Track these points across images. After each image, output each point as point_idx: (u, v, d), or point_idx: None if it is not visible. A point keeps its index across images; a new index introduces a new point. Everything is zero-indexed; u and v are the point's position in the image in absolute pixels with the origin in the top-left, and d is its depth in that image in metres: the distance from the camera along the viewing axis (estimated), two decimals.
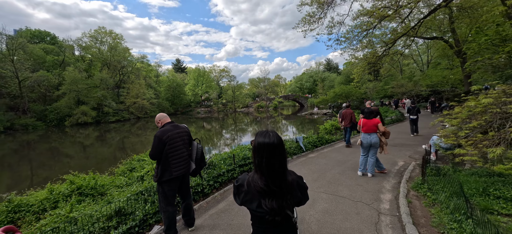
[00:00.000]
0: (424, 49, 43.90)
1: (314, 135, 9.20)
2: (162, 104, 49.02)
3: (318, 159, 6.94)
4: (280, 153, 1.28)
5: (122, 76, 44.34)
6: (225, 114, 50.84)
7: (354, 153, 7.42)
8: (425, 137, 9.50)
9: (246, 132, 25.77)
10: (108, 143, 21.65)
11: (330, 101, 34.11)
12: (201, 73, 57.60)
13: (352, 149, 7.98)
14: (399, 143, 8.70)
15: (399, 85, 30.79)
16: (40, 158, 16.16)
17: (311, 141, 8.22)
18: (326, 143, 8.84)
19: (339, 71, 72.08)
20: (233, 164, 5.33)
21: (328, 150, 8.10)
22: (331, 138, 9.34)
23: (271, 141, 1.27)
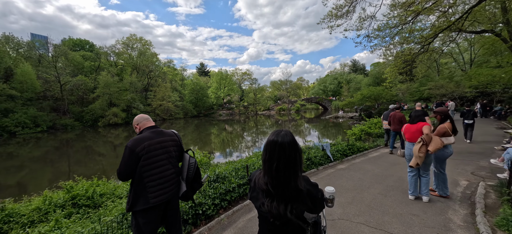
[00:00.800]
0: (465, 47, 39.10)
1: (343, 142, 7.90)
2: (186, 106, 50.13)
3: (350, 172, 5.69)
4: (288, 155, 1.19)
5: (149, 80, 46.21)
6: (247, 117, 50.40)
7: (396, 165, 6.02)
8: (481, 146, 7.67)
9: (266, 135, 24.74)
10: None
11: (357, 104, 31.68)
12: (224, 76, 58.03)
13: (393, 159, 6.56)
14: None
15: (437, 86, 27.44)
16: (76, 155, 17.27)
17: (340, 149, 6.95)
18: (357, 152, 7.50)
19: (366, 73, 67.85)
20: (247, 177, 4.38)
21: (360, 160, 6.77)
22: (363, 145, 7.95)
23: (278, 140, 1.21)
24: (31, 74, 31.96)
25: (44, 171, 12.50)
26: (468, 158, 6.47)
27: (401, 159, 6.56)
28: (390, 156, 7.02)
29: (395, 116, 7.52)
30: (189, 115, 50.85)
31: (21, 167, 13.10)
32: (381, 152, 7.70)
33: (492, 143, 8.29)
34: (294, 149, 1.20)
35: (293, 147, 1.20)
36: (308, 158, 5.98)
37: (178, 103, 47.53)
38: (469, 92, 24.58)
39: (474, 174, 5.19)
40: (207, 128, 33.69)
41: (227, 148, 17.35)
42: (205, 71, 72.11)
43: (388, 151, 7.60)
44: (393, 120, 7.55)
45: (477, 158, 6.45)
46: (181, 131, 30.30)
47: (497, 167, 5.52)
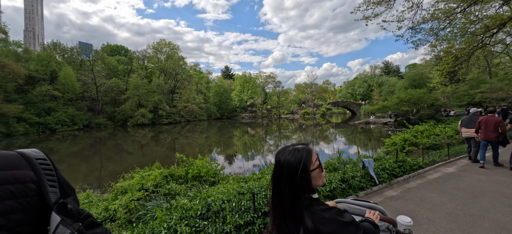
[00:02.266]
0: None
1: (389, 156, 5.97)
2: (210, 108, 50.36)
3: (408, 204, 3.86)
4: (287, 178, 0.94)
5: (176, 82, 47.30)
6: (269, 120, 48.90)
7: (479, 196, 4.02)
8: None
9: (290, 140, 22.98)
10: (160, 143, 22.47)
11: (392, 109, 28.18)
12: (247, 79, 57.36)
13: (469, 184, 4.52)
14: None
15: (494, 89, 23.02)
16: (108, 152, 17.99)
17: (387, 167, 5.08)
18: (410, 170, 5.52)
19: (400, 75, 61.93)
20: (253, 211, 2.89)
21: (417, 184, 4.84)
22: (417, 162, 5.92)
23: (280, 160, 0.99)
24: (72, 77, 34.39)
25: (80, 166, 13.17)
26: None
27: (489, 186, 4.51)
28: (463, 181, 4.95)
29: (489, 121, 6.01)
30: (213, 117, 50.96)
31: (60, 161, 13.97)
32: (443, 172, 5.62)
33: None
34: (296, 171, 0.92)
35: (294, 168, 0.92)
36: (343, 179, 4.28)
37: (202, 105, 47.91)
38: None
39: None
40: (229, 130, 32.98)
41: (249, 151, 16.44)
42: (229, 74, 72.41)
43: (471, 163, 6.38)
44: (485, 126, 6.04)
45: None
46: (204, 132, 29.94)
47: None
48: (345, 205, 1.16)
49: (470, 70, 18.47)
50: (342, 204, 1.18)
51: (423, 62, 50.56)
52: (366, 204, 1.15)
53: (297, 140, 22.75)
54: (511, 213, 3.37)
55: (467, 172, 5.55)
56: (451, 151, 7.95)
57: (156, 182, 4.19)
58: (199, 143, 21.31)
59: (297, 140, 22.62)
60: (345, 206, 1.16)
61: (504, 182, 4.73)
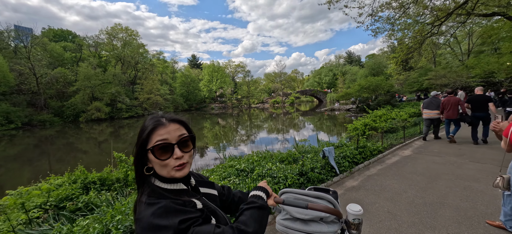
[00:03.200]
0: (463, 35, 37.35)
1: (350, 143, 5.70)
2: (176, 100, 47.43)
3: (368, 195, 3.52)
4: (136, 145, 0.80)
5: (136, 72, 43.21)
6: (240, 110, 48.12)
7: (436, 179, 3.87)
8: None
9: (262, 129, 22.61)
10: (121, 139, 20.17)
11: (354, 95, 29.63)
12: (216, 69, 55.18)
13: (425, 167, 4.41)
14: None
15: (438, 76, 25.55)
16: (58, 153, 15.47)
17: (348, 155, 4.75)
18: (370, 156, 5.32)
19: (362, 64, 65.94)
20: None
21: (377, 170, 4.61)
22: (377, 146, 5.78)
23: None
24: (2, 66, 28.79)
25: (23, 171, 11.45)
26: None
27: (444, 169, 4.43)
28: (419, 164, 4.86)
29: (449, 101, 6.62)
30: (180, 109, 48.19)
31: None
32: (401, 156, 5.56)
33: None
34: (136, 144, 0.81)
35: (138, 137, 0.81)
36: (301, 172, 3.76)
37: (168, 96, 44.82)
38: (474, 81, 22.74)
39: None
40: (199, 122, 31.42)
41: (220, 143, 15.54)
42: (197, 63, 68.73)
43: (423, 140, 7.19)
44: (446, 106, 6.67)
45: None
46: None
47: None
48: (290, 196, 1.02)
49: (420, 59, 20.04)
50: (286, 194, 1.04)
51: (381, 53, 54.50)
52: (313, 193, 1.00)
53: (268, 129, 22.59)
54: (468, 197, 3.21)
55: (422, 154, 5.56)
56: (406, 133, 8.19)
57: (65, 194, 3.16)
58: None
59: (268, 129, 22.40)
60: (289, 196, 1.02)
61: (456, 162, 4.76)
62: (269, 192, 0.95)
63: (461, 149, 5.82)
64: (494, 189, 3.39)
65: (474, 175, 4.00)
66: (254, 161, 4.30)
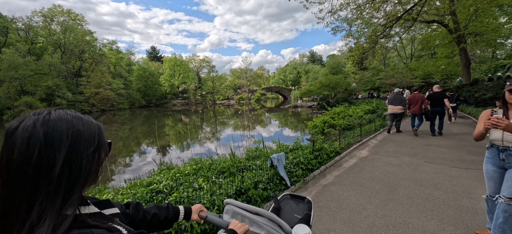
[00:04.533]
0: (407, 41, 41.77)
1: (306, 146, 5.00)
2: (132, 95, 42.82)
3: (322, 214, 2.76)
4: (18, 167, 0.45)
5: (82, 63, 37.54)
6: (204, 107, 45.85)
7: (397, 187, 3.35)
8: (456, 138, 5.72)
9: (227, 126, 21.42)
10: None
11: (315, 93, 30.45)
12: (178, 62, 51.48)
13: (384, 171, 3.91)
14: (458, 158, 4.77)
15: (388, 75, 27.77)
16: None
17: (302, 161, 4.00)
18: (327, 159, 4.70)
19: (323, 64, 69.22)
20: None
21: (334, 177, 3.96)
22: (334, 148, 5.22)
23: (32, 127, 0.47)
24: None
25: None
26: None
27: (402, 173, 3.98)
28: (376, 167, 4.40)
29: (416, 97, 7.15)
30: (137, 105, 43.70)
31: None
32: (358, 157, 5.10)
33: None
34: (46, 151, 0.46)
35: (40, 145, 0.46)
36: (240, 190, 2.83)
37: (122, 91, 40.07)
38: (417, 81, 25.21)
39: None
40: (159, 119, 28.61)
41: (184, 141, 14.14)
42: (157, 56, 63.18)
43: (387, 133, 7.71)
44: (412, 102, 7.18)
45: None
46: (127, 123, 24.85)
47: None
48: (230, 209, 0.96)
49: (374, 60, 21.33)
50: (228, 206, 0.98)
51: (340, 53, 57.89)
52: (253, 209, 0.92)
53: (234, 126, 21.53)
54: (432, 212, 2.68)
55: (378, 155, 5.19)
56: (362, 131, 8.02)
57: None
58: (121, 136, 16.95)
59: (234, 125, 21.39)
60: (230, 209, 0.96)
61: (412, 164, 4.42)
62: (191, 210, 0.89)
63: (414, 148, 5.66)
64: (456, 198, 2.97)
65: (432, 180, 3.61)
66: (183, 175, 3.22)
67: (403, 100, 7.60)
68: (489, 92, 11.13)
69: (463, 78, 19.03)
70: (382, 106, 17.22)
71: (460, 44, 17.18)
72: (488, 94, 11.05)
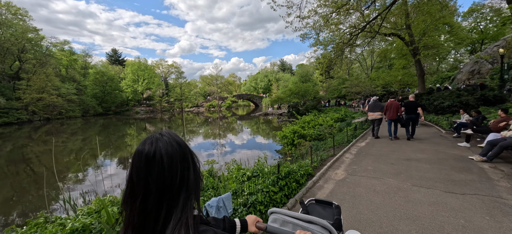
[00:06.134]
0: (367, 53, 44.82)
1: (270, 168, 3.74)
2: (85, 101, 37.74)
3: None
4: (163, 179, 0.58)
5: (22, 64, 31.85)
6: (172, 114, 42.55)
7: (397, 228, 2.28)
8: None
9: (196, 135, 19.51)
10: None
11: (285, 100, 30.14)
12: (142, 67, 47.33)
13: (368, 192, 2.86)
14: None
15: (353, 84, 28.80)
16: None
17: (260, 200, 2.72)
18: (297, 187, 3.51)
19: (293, 72, 70.86)
20: None
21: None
22: (305, 169, 4.10)
23: (146, 151, 0.59)
24: None
25: None
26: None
27: (393, 207, 2.95)
28: (358, 196, 3.34)
29: (392, 105, 7.47)
30: (91, 113, 38.59)
31: None
32: (335, 180, 4.04)
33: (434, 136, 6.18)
34: (176, 167, 0.60)
35: (174, 162, 0.60)
36: None
37: (73, 97, 34.95)
38: (379, 90, 26.44)
39: None
40: (119, 128, 25.23)
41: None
42: (119, 59, 57.43)
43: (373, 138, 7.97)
44: (390, 109, 7.49)
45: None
46: (79, 134, 21.10)
47: None
48: (278, 218, 0.91)
49: (341, 68, 21.72)
50: (275, 215, 0.93)
51: (309, 63, 59.89)
52: (305, 217, 0.88)
53: (204, 134, 19.72)
54: None
55: (357, 176, 4.20)
56: (335, 142, 7.18)
57: None
58: (72, 149, 13.78)
59: (204, 134, 19.66)
60: (277, 219, 0.91)
61: (399, 189, 3.47)
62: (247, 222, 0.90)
63: (394, 163, 4.85)
64: None
65: (433, 218, 2.65)
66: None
67: (381, 107, 7.97)
68: (446, 100, 11.45)
69: (419, 88, 20.29)
70: (350, 114, 17.21)
71: (416, 56, 18.17)
72: (446, 102, 11.34)
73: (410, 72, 25.59)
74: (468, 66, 21.17)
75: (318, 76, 45.59)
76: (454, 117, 9.91)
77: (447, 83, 25.76)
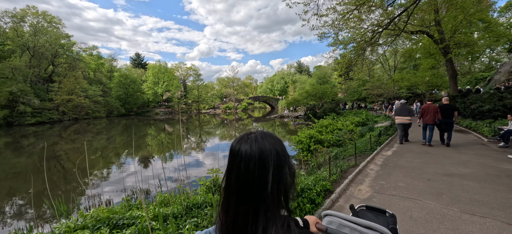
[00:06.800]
0: (390, 54, 42.26)
1: None
2: (110, 103, 39.72)
3: None
4: (259, 179, 0.55)
5: (54, 68, 34.33)
6: (189, 116, 43.44)
7: None
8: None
9: (212, 136, 19.61)
10: (25, 152, 13.83)
11: (301, 102, 29.17)
12: (162, 70, 48.96)
13: (405, 219, 2.21)
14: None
15: (374, 86, 27.05)
16: None
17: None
18: (312, 208, 2.93)
19: (310, 74, 69.18)
20: None
21: None
22: (322, 184, 3.49)
23: (241, 150, 0.57)
24: None
25: None
26: None
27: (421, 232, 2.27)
28: None
29: (430, 108, 6.87)
30: (115, 114, 40.52)
31: None
32: (359, 200, 3.39)
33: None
34: (277, 167, 0.56)
35: (273, 161, 0.56)
36: None
37: (99, 98, 36.97)
38: (404, 92, 24.56)
39: None
40: (141, 128, 26.23)
41: (166, 152, 13.01)
42: (141, 63, 60.15)
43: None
44: (427, 112, 6.90)
45: None
46: (104, 133, 22.29)
47: None
48: (334, 221, 0.85)
49: (362, 68, 20.42)
50: (330, 218, 0.87)
51: (327, 65, 58.08)
52: (364, 222, 0.81)
53: (220, 136, 19.73)
54: None
55: (386, 194, 3.50)
56: (357, 148, 6.41)
57: None
58: (96, 147, 14.73)
59: (220, 135, 19.68)
60: (333, 221, 0.85)
61: (445, 217, 2.74)
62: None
63: (432, 179, 4.05)
64: None
65: None
66: None
67: (410, 110, 7.48)
68: (486, 104, 10.02)
69: (450, 89, 18.38)
70: (372, 118, 15.98)
71: (447, 54, 16.43)
72: (485, 105, 9.93)
73: (439, 73, 23.36)
74: (507, 66, 18.85)
75: (337, 78, 43.85)
76: (497, 123, 8.59)
77: (480, 85, 23.21)
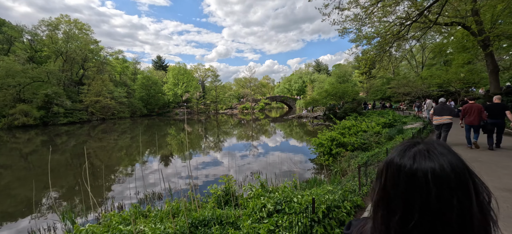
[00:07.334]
0: (417, 50, 39.23)
1: (300, 196, 2.71)
2: (133, 104, 41.62)
3: None
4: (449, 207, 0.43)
5: (84, 71, 36.74)
6: (207, 116, 44.15)
7: None
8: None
9: (230, 136, 19.67)
10: (59, 149, 15.07)
11: (320, 102, 28.03)
12: (182, 71, 50.37)
13: None
14: None
15: (401, 84, 25.10)
16: None
17: None
18: (340, 231, 2.41)
19: (329, 73, 66.90)
20: None
21: None
22: (352, 198, 2.94)
23: (413, 167, 0.45)
24: None
25: None
26: None
27: None
28: None
29: (473, 107, 6.30)
30: (138, 114, 42.39)
31: None
32: None
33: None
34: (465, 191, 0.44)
35: (462, 185, 0.44)
36: None
37: (123, 99, 38.91)
38: (435, 90, 22.46)
39: None
40: (161, 128, 27.15)
41: (186, 151, 12.97)
42: (162, 65, 62.52)
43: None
44: (470, 112, 6.33)
45: None
46: (128, 132, 23.37)
47: None
48: None
49: (388, 65, 18.87)
50: None
51: (346, 63, 55.65)
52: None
53: (238, 135, 19.65)
54: None
55: None
56: (387, 154, 5.68)
57: None
58: (121, 146, 15.54)
59: (238, 135, 19.57)
60: None
61: None
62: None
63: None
64: None
65: None
66: None
67: (452, 110, 6.89)
68: None
69: (491, 87, 16.31)
70: (399, 118, 14.67)
71: (488, 47, 14.49)
72: None
73: (477, 69, 20.97)
74: None
75: (358, 76, 41.72)
76: None
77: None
